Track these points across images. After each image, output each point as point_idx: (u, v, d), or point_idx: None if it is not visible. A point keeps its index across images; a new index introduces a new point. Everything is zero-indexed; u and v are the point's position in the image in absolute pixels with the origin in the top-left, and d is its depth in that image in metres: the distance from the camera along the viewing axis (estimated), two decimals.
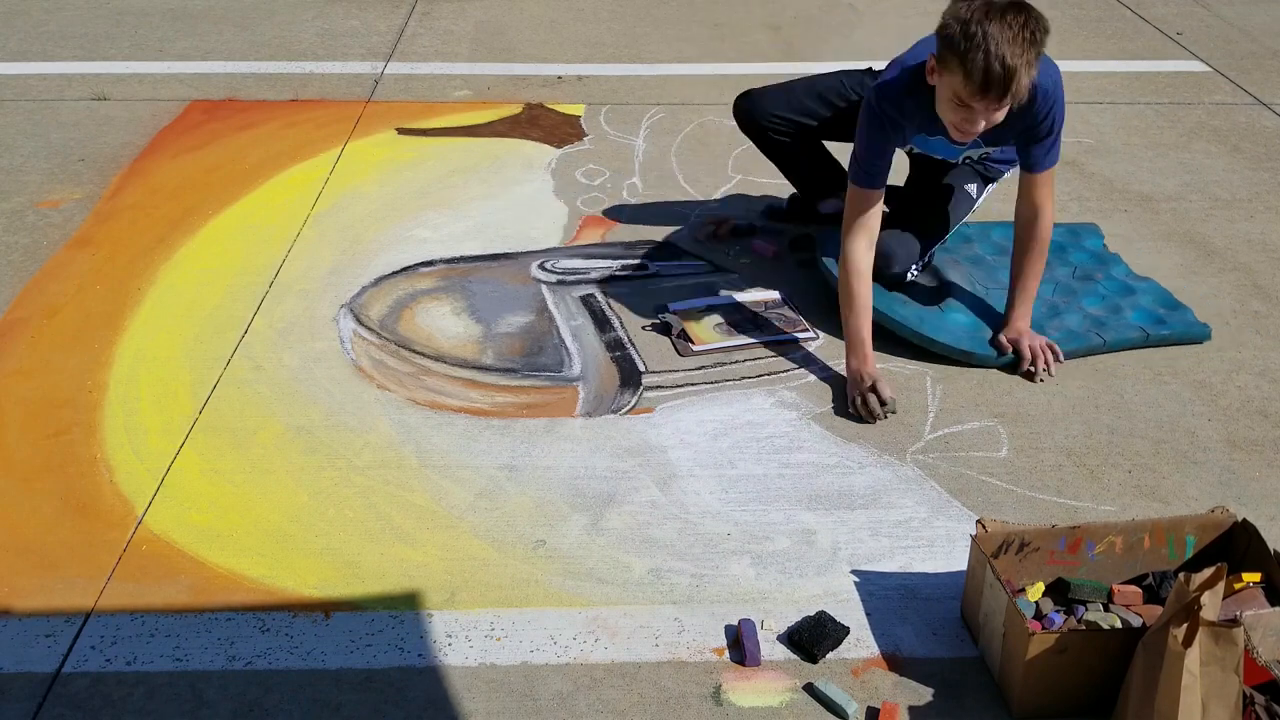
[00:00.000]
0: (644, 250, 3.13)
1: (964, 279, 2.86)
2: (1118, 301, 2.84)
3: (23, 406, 2.45)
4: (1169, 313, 2.80)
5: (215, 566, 2.04)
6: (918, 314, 2.70)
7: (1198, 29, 4.98)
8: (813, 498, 2.24)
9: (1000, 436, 2.43)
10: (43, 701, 1.77)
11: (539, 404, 2.50)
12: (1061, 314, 2.78)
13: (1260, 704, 1.69)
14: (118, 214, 3.25)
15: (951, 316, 2.72)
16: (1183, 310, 2.82)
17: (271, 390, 2.52)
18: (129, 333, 2.72)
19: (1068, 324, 2.74)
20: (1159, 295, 2.88)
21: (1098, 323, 2.75)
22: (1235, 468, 2.35)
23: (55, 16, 4.84)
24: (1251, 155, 3.78)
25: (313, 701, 1.78)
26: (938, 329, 2.66)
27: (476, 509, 2.19)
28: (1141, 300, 2.85)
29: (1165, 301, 2.85)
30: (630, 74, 4.37)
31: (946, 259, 2.94)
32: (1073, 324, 2.75)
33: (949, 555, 2.09)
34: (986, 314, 2.75)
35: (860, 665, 1.87)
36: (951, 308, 2.75)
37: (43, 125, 3.81)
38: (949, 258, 2.95)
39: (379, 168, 3.56)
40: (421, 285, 2.94)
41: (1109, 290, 2.89)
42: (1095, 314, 2.79)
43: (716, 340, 2.71)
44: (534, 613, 1.96)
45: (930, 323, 2.68)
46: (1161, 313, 2.80)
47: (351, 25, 4.85)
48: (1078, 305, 2.82)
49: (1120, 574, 1.96)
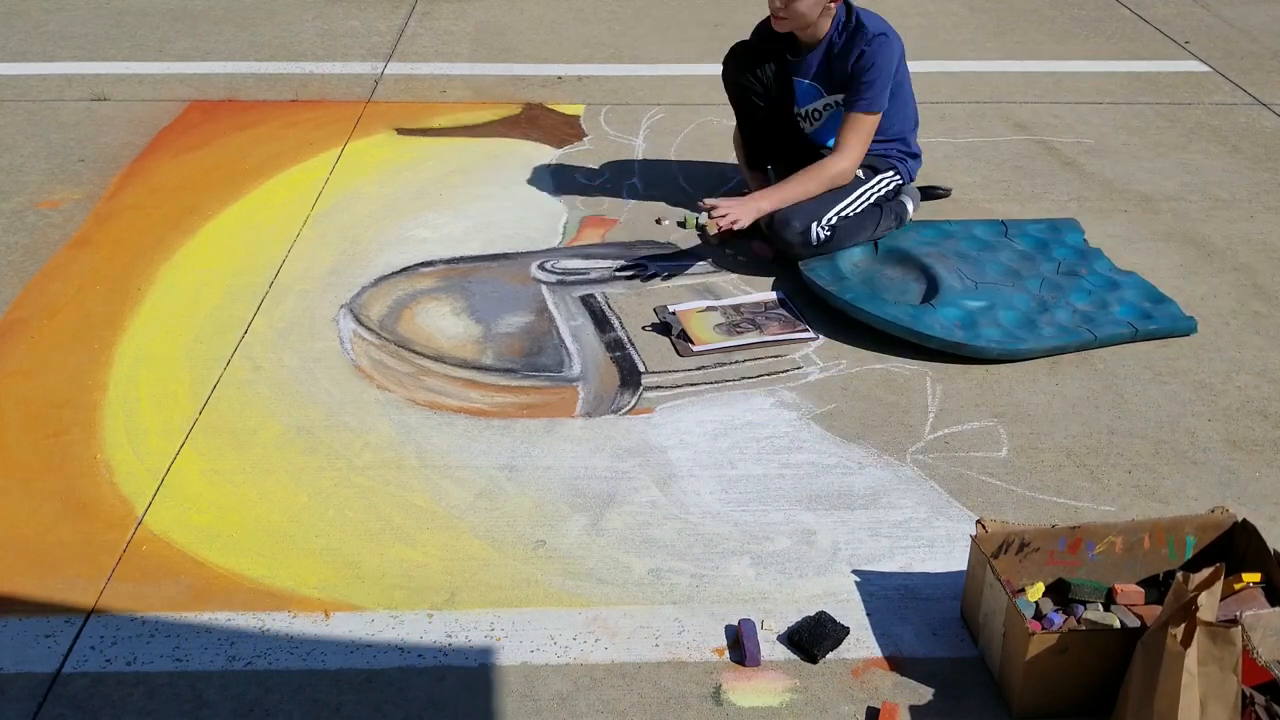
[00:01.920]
0: (644, 250, 3.13)
1: (952, 274, 2.87)
2: (1104, 296, 2.87)
3: (23, 406, 2.45)
4: (1155, 306, 2.84)
5: (215, 566, 2.04)
6: (910, 312, 2.71)
7: (1198, 29, 4.98)
8: (813, 498, 2.24)
9: (1000, 436, 2.43)
10: (43, 701, 1.77)
11: (539, 404, 2.50)
12: (1051, 309, 2.80)
13: (1260, 704, 1.69)
14: (118, 214, 3.25)
15: (943, 312, 2.73)
16: (1168, 303, 2.85)
17: (271, 390, 2.52)
18: (129, 333, 2.72)
19: (1058, 320, 2.76)
20: (1144, 289, 2.91)
21: (1087, 318, 2.78)
22: (1235, 468, 2.35)
23: (55, 16, 4.84)
24: (1251, 155, 3.78)
25: (313, 702, 1.78)
26: (930, 325, 2.68)
27: (476, 509, 2.19)
28: (1127, 295, 2.88)
29: (1150, 295, 2.88)
30: (630, 74, 4.37)
31: (933, 254, 2.96)
32: (1063, 319, 2.77)
33: (949, 555, 2.09)
34: (976, 307, 2.76)
35: (860, 665, 1.87)
36: (942, 303, 2.77)
37: (43, 125, 3.81)
38: (935, 252, 2.97)
39: (379, 168, 3.57)
40: (421, 285, 2.94)
41: (1094, 285, 2.91)
42: (1084, 309, 2.81)
43: (716, 340, 2.71)
44: (534, 613, 1.96)
45: (923, 320, 2.69)
46: (1148, 306, 2.83)
47: (351, 25, 4.85)
48: (1065, 301, 2.84)
49: (1120, 574, 1.96)
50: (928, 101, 4.05)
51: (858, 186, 3.02)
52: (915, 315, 2.70)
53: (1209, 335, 2.79)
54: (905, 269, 2.93)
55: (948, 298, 2.78)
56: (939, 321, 2.69)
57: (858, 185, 3.02)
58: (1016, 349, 2.65)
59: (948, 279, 2.85)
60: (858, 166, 3.00)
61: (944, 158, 3.69)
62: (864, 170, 3.05)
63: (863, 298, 2.76)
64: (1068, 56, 4.66)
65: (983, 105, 4.15)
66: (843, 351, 2.70)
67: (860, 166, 3.03)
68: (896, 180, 3.10)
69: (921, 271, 2.91)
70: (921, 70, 4.35)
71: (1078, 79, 4.41)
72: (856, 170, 3.00)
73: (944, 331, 2.65)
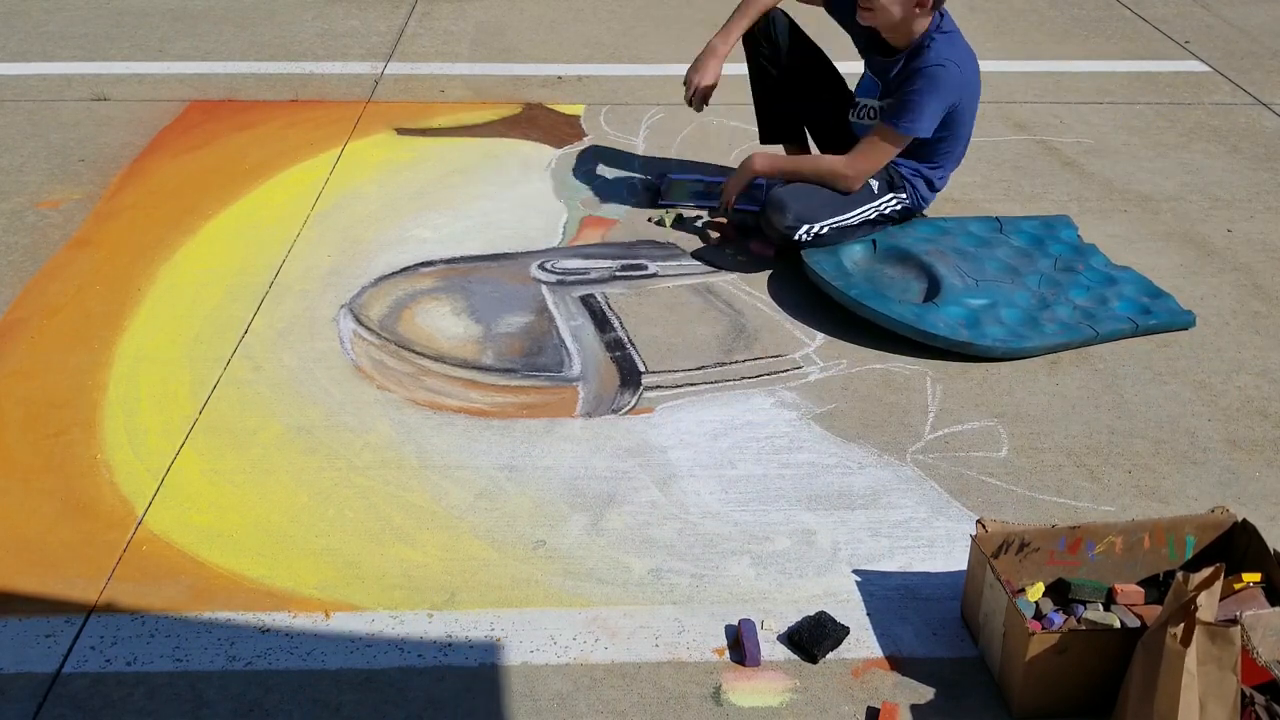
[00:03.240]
0: (644, 250, 3.13)
1: (952, 272, 2.87)
2: (1103, 292, 2.88)
3: (23, 406, 2.45)
4: (1153, 301, 2.85)
5: (215, 567, 2.04)
6: (915, 311, 2.71)
7: (1198, 29, 4.98)
8: (813, 498, 2.24)
9: (1000, 436, 2.43)
10: (43, 702, 1.77)
11: (539, 404, 2.50)
12: (1052, 306, 2.80)
13: (1260, 704, 1.69)
14: (118, 214, 3.25)
15: (946, 310, 2.73)
16: (1166, 298, 2.87)
17: (271, 390, 2.52)
18: (129, 333, 2.72)
19: (1059, 316, 2.76)
20: (1141, 284, 2.92)
21: (1087, 314, 2.79)
22: (1235, 468, 2.35)
23: (55, 16, 4.84)
24: (1251, 155, 3.78)
25: (313, 702, 1.78)
26: (934, 324, 2.67)
27: (476, 509, 2.19)
28: (1125, 290, 2.89)
29: (1148, 290, 2.90)
30: (630, 74, 4.37)
31: (933, 252, 2.95)
32: (1064, 316, 2.77)
33: (949, 555, 2.09)
34: (979, 305, 2.77)
35: (860, 665, 1.87)
36: (945, 301, 2.77)
37: (43, 125, 3.81)
38: (934, 249, 2.96)
39: (379, 168, 3.56)
40: (421, 285, 2.94)
41: (1092, 281, 2.92)
42: (1083, 305, 2.82)
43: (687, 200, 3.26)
44: (534, 613, 1.96)
45: (927, 318, 2.69)
46: (1146, 301, 2.84)
47: (351, 25, 4.84)
48: (1065, 297, 2.85)
49: (1120, 574, 1.96)
50: None
51: (867, 201, 2.96)
52: (919, 314, 2.70)
53: (1209, 335, 2.79)
54: (905, 267, 2.93)
55: (950, 296, 2.78)
56: (943, 320, 2.69)
57: (868, 199, 2.96)
58: (1021, 347, 2.65)
59: (949, 277, 2.85)
60: (861, 179, 2.92)
61: None
62: (879, 183, 2.98)
63: (868, 295, 2.75)
64: (1068, 56, 4.66)
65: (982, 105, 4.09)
66: (843, 351, 2.70)
67: (877, 179, 2.96)
68: (905, 204, 3.04)
69: (922, 270, 2.90)
70: None
71: (1078, 79, 4.41)
72: (854, 180, 2.91)
73: (949, 330, 2.66)
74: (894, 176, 2.99)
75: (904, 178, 3.00)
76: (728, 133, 3.79)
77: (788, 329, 2.79)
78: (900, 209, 3.04)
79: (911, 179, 3.01)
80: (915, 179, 3.02)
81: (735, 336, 2.75)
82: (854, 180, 2.91)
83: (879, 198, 2.98)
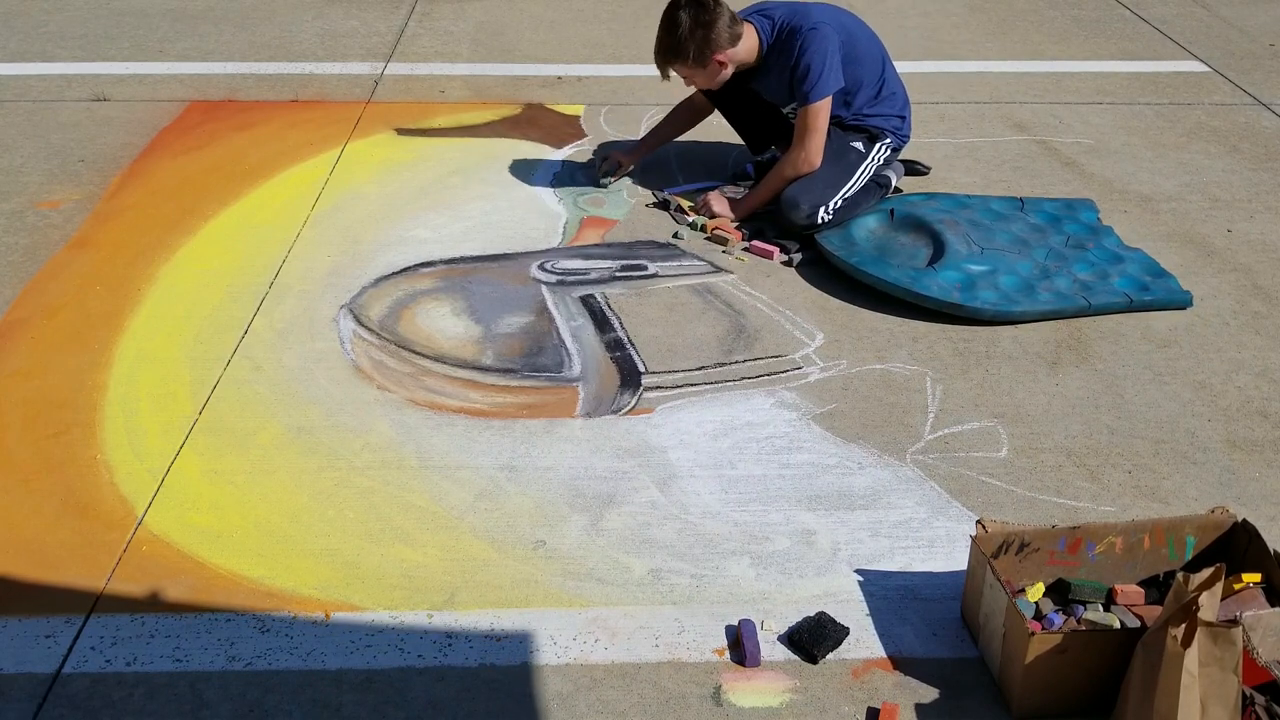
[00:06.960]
0: (644, 250, 3.13)
1: (960, 240, 2.94)
2: (1106, 269, 2.93)
3: (23, 406, 2.45)
4: (1154, 280, 2.89)
5: (215, 567, 2.04)
6: (911, 275, 2.80)
7: (1198, 29, 4.98)
8: (813, 498, 2.24)
9: (1000, 437, 2.43)
10: (43, 702, 1.77)
11: (539, 404, 2.50)
12: (1051, 277, 2.85)
13: (1260, 704, 1.69)
14: (117, 215, 3.25)
15: (944, 274, 2.81)
16: (1167, 278, 2.91)
17: (271, 391, 2.52)
18: (129, 333, 2.72)
19: (1057, 286, 2.82)
20: (1146, 264, 2.97)
21: (1085, 287, 2.83)
22: (1235, 468, 2.35)
23: (55, 16, 4.84)
24: (1251, 155, 3.78)
25: (313, 702, 1.78)
26: (928, 286, 2.75)
27: (476, 509, 2.19)
28: (1129, 268, 2.93)
29: (1151, 270, 2.94)
30: (630, 74, 4.37)
31: (946, 221, 3.03)
32: (1061, 286, 2.82)
33: (949, 555, 2.09)
34: (978, 271, 2.81)
35: (860, 666, 1.87)
36: (944, 266, 2.83)
37: (43, 126, 3.81)
38: (948, 219, 3.04)
39: (379, 168, 3.56)
40: (421, 286, 2.94)
41: (1098, 258, 2.97)
42: (1084, 279, 2.87)
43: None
44: (534, 613, 1.96)
45: (922, 281, 2.77)
46: (1147, 280, 2.89)
47: (351, 26, 4.85)
48: (1067, 270, 2.90)
49: (1120, 574, 1.96)
50: (928, 102, 4.06)
51: (860, 162, 3.13)
52: (915, 277, 2.79)
53: (1209, 335, 2.79)
54: (917, 235, 3.02)
55: (951, 261, 2.85)
56: (937, 283, 2.76)
57: (860, 160, 3.13)
58: (1009, 311, 2.71)
59: (955, 243, 2.92)
60: (818, 152, 3.09)
61: (944, 158, 3.69)
62: (861, 142, 3.16)
63: (867, 261, 2.85)
64: (1068, 56, 4.66)
65: (983, 105, 4.15)
66: (843, 352, 2.70)
67: (858, 139, 3.15)
68: (893, 145, 3.22)
69: (932, 237, 2.99)
70: (921, 70, 4.36)
71: (1078, 79, 4.41)
72: (812, 156, 3.09)
73: (941, 292, 2.72)
74: (867, 130, 3.19)
75: (875, 126, 3.20)
76: (726, 133, 3.78)
77: (788, 329, 2.79)
78: (891, 151, 3.22)
79: (879, 122, 3.20)
80: (880, 119, 3.21)
81: (735, 337, 2.75)
82: (813, 157, 3.11)
83: (869, 153, 3.16)
